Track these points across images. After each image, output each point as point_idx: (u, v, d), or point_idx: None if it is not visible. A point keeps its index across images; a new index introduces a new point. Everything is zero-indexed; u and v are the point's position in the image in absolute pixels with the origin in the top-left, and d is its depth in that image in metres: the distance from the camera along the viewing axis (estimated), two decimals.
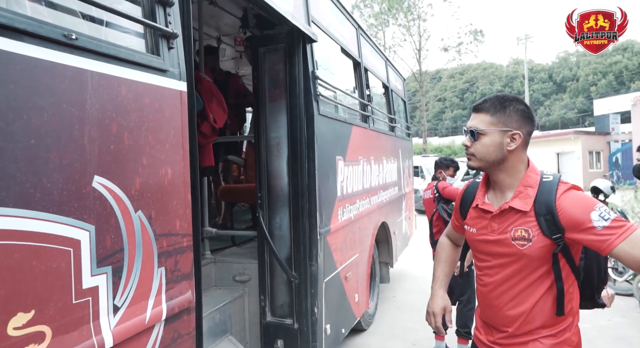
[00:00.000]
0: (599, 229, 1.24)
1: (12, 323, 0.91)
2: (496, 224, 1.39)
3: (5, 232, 0.90)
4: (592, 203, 1.29)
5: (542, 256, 1.32)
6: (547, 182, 1.36)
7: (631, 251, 1.20)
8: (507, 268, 1.38)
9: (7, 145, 0.91)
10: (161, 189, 1.34)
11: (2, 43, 0.90)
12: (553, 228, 1.29)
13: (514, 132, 1.35)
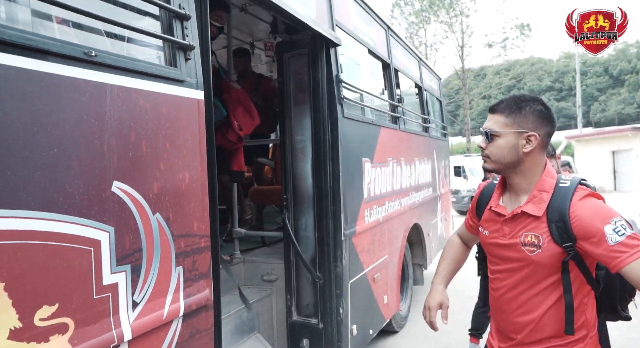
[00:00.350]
0: (611, 244, 1.18)
1: (38, 314, 1.01)
2: (508, 228, 1.36)
3: (31, 233, 1.00)
4: (609, 215, 1.22)
5: (551, 264, 1.28)
6: (564, 187, 1.31)
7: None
8: (516, 274, 1.35)
9: (32, 154, 1.01)
10: (179, 193, 1.43)
11: (29, 63, 1.00)
12: (564, 236, 1.24)
13: (530, 134, 1.30)
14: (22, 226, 0.98)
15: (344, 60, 2.96)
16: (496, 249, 1.40)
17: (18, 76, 0.99)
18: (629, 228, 1.20)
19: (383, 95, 3.81)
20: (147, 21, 1.45)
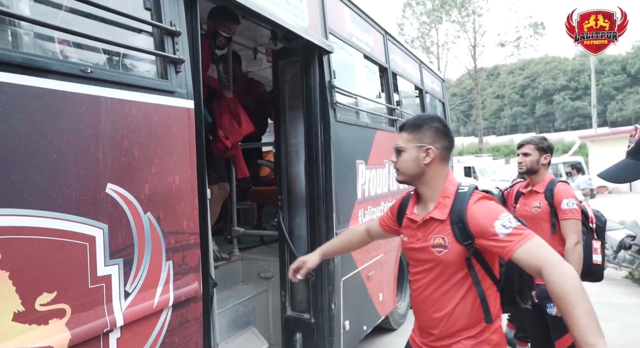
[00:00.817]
0: (500, 236, 1.34)
1: (38, 300, 1.16)
2: (421, 233, 1.52)
3: (33, 229, 1.15)
4: (497, 212, 1.39)
5: (457, 262, 1.43)
6: (462, 193, 1.48)
7: (527, 257, 1.29)
8: (429, 274, 1.50)
9: (34, 160, 1.15)
10: (169, 194, 1.57)
11: (30, 81, 1.15)
12: (464, 235, 1.41)
13: (427, 147, 1.49)
14: (24, 223, 1.13)
15: (340, 65, 3.08)
16: (413, 253, 1.56)
17: (22, 92, 1.13)
18: (514, 221, 1.37)
19: (380, 99, 3.92)
20: (142, 37, 1.59)
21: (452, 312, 1.45)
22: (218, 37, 2.90)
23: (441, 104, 6.29)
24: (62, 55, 1.31)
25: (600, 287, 5.05)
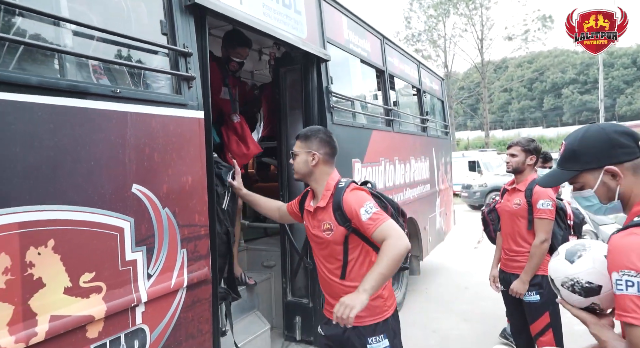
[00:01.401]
0: (364, 220, 1.77)
1: (82, 278, 1.44)
2: (315, 221, 1.96)
3: (76, 222, 1.43)
4: (363, 201, 1.82)
5: (339, 240, 1.88)
6: (340, 187, 1.91)
7: (379, 235, 1.73)
8: (323, 251, 1.96)
9: (76, 166, 1.43)
10: (183, 192, 1.84)
11: (73, 102, 1.43)
12: (343, 219, 1.85)
13: (313, 152, 1.93)
14: (70, 217, 1.41)
15: (338, 70, 3.32)
16: (313, 237, 1.99)
17: (68, 112, 1.41)
18: (374, 207, 1.79)
19: (377, 100, 4.16)
20: (159, 58, 1.86)
21: (346, 278, 1.88)
22: (231, 62, 3.10)
23: (440, 101, 6.51)
24: (97, 79, 1.58)
25: None
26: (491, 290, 3.24)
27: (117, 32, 1.62)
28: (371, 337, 1.91)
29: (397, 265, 1.71)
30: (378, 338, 1.91)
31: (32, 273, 1.30)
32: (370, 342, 1.91)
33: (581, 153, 1.29)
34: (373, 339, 1.91)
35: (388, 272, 1.69)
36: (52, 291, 1.36)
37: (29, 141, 1.30)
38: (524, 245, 2.82)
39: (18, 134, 1.27)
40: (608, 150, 1.25)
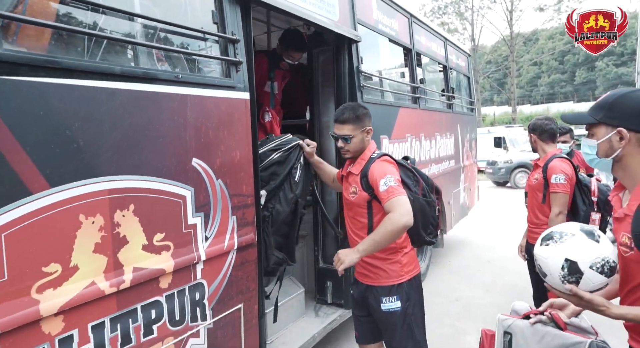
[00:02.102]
0: (381, 191, 1.97)
1: (155, 237, 1.70)
2: (346, 183, 2.21)
3: (150, 190, 1.67)
4: (385, 173, 2.00)
5: (362, 204, 2.10)
6: (373, 157, 2.11)
7: (388, 207, 1.95)
8: (350, 212, 2.21)
9: (148, 143, 1.67)
10: (233, 165, 2.07)
11: (146, 87, 1.65)
12: (367, 186, 2.05)
13: (368, 128, 2.16)
14: (144, 185, 1.66)
15: (367, 49, 3.46)
16: (344, 199, 2.24)
17: (140, 96, 1.64)
18: (393, 181, 1.97)
19: (404, 79, 4.28)
20: (211, 45, 2.06)
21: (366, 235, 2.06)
22: (282, 61, 3.25)
23: (466, 78, 6.53)
24: (160, 66, 1.80)
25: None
26: (515, 264, 3.40)
27: (177, 24, 1.83)
28: (385, 297, 2.11)
29: (392, 237, 1.92)
30: (391, 299, 2.11)
31: (119, 232, 1.56)
32: (383, 301, 2.12)
33: (612, 108, 1.37)
34: (386, 299, 2.11)
35: (382, 241, 1.91)
36: (134, 247, 1.62)
37: (113, 121, 1.54)
38: (541, 218, 2.97)
39: (105, 116, 1.51)
40: (632, 115, 1.33)
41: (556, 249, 1.42)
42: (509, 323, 1.71)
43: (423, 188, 2.21)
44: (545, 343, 1.57)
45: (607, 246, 1.38)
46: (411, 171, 2.20)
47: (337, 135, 2.14)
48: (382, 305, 2.11)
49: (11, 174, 1.24)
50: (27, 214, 1.29)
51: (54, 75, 1.34)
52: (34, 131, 1.30)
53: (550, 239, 1.46)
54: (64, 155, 1.38)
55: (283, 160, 2.40)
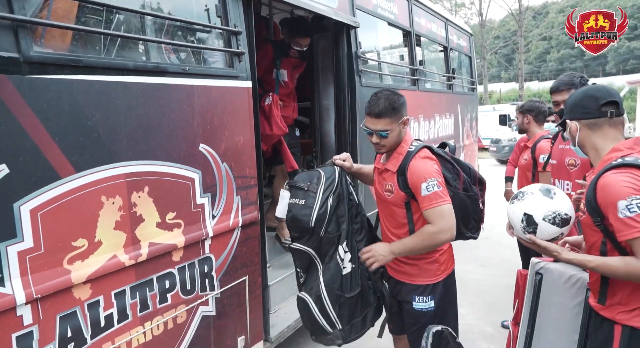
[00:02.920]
0: (422, 195, 1.78)
1: (167, 216, 1.90)
2: (381, 178, 2.00)
3: (161, 173, 1.86)
4: (428, 175, 1.78)
5: (399, 204, 1.90)
6: (410, 151, 1.87)
7: (428, 217, 1.79)
8: (385, 209, 2.03)
9: (159, 130, 1.84)
10: (237, 149, 2.24)
11: (157, 80, 1.81)
12: (405, 185, 1.84)
13: (405, 118, 1.91)
14: (158, 169, 1.84)
15: (366, 33, 3.56)
16: (377, 193, 2.06)
17: (151, 87, 1.80)
18: (437, 186, 1.76)
19: (403, 61, 4.38)
20: (215, 37, 2.21)
21: (403, 235, 1.93)
22: (291, 49, 3.23)
23: (468, 58, 6.58)
24: (170, 59, 1.96)
25: None
26: (513, 240, 3.56)
27: (183, 19, 1.97)
28: (419, 296, 1.97)
29: (427, 249, 1.82)
30: (425, 299, 1.96)
31: (135, 211, 1.76)
32: (416, 300, 1.98)
33: (566, 106, 1.71)
34: (419, 298, 1.97)
35: (418, 251, 1.82)
36: (149, 224, 1.82)
37: (128, 112, 1.71)
38: None
39: (122, 107, 1.68)
40: (572, 108, 1.65)
41: (518, 206, 1.73)
42: (541, 265, 2.01)
43: (464, 181, 1.97)
44: (570, 283, 1.87)
45: (560, 202, 1.67)
46: (451, 163, 1.96)
47: (371, 131, 1.87)
48: (415, 304, 1.99)
49: (44, 161, 1.43)
50: (58, 196, 1.48)
51: (77, 72, 1.51)
52: (61, 123, 1.48)
53: (515, 198, 1.78)
54: (87, 144, 1.56)
55: (338, 200, 1.97)
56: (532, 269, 2.06)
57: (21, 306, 1.40)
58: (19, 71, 1.34)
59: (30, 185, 1.40)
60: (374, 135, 1.90)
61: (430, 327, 1.65)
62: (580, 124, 1.61)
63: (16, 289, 1.38)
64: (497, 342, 3.34)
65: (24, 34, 1.35)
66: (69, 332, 1.55)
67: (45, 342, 1.48)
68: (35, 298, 1.43)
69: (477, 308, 3.94)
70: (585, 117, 1.60)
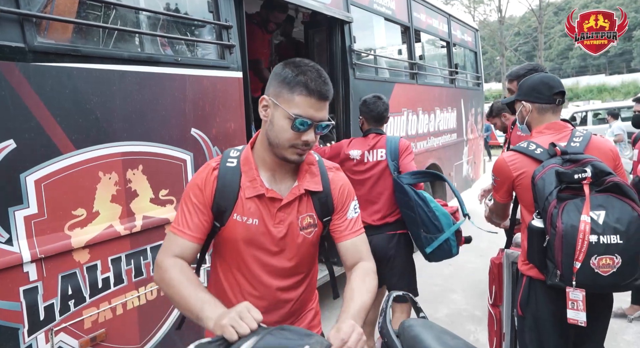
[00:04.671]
0: (350, 219, 1.31)
1: (160, 193, 2.10)
2: (286, 212, 1.27)
3: (155, 154, 2.05)
4: (353, 191, 1.35)
5: (316, 242, 1.33)
6: (319, 160, 1.34)
7: (356, 248, 1.29)
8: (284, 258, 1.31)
9: (153, 115, 2.04)
10: (228, 134, 2.43)
11: (150, 69, 2.01)
12: (327, 211, 1.29)
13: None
14: (152, 150, 2.04)
15: (362, 28, 3.70)
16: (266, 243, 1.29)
17: (146, 76, 2.00)
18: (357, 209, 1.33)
19: (401, 55, 4.50)
20: (207, 31, 2.40)
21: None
22: (269, 23, 3.56)
23: (473, 53, 6.64)
24: (164, 50, 2.15)
25: None
26: None
27: (177, 14, 2.16)
28: None
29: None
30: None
31: (130, 187, 1.96)
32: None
33: (520, 87, 1.89)
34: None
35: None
36: (143, 199, 2.02)
37: (124, 97, 1.91)
38: None
39: (118, 93, 1.88)
40: (529, 91, 1.81)
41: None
42: (515, 255, 2.14)
43: None
44: None
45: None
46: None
47: (311, 122, 1.14)
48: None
49: (47, 138, 1.64)
50: (59, 169, 1.69)
51: (76, 61, 1.72)
52: (62, 106, 1.69)
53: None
54: (86, 124, 1.77)
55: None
56: (507, 260, 2.21)
57: (27, 263, 1.61)
58: (25, 59, 1.55)
59: (35, 158, 1.61)
60: (310, 129, 1.15)
61: (391, 292, 1.80)
62: (533, 106, 1.78)
63: (23, 249, 1.59)
64: (484, 325, 3.45)
65: (29, 26, 1.56)
66: (70, 290, 1.76)
67: (49, 297, 1.69)
68: (40, 258, 1.64)
69: (470, 294, 4.06)
70: (538, 101, 1.78)
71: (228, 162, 1.25)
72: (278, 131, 1.16)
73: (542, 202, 1.57)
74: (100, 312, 1.86)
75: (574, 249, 1.49)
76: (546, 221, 1.55)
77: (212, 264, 1.40)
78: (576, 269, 1.49)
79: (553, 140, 1.72)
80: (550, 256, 1.58)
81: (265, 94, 1.20)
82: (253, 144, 1.29)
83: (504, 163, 1.79)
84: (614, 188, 1.54)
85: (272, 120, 1.17)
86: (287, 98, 1.14)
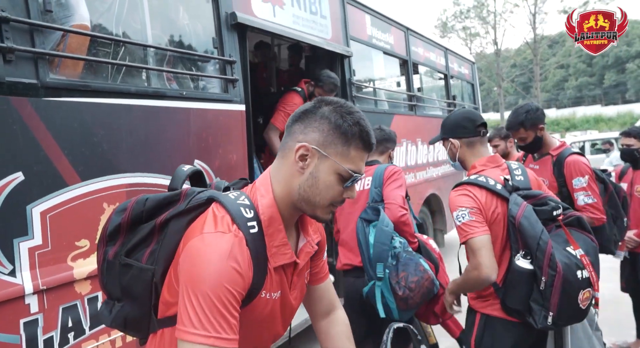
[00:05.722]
0: (323, 259, 1.22)
1: None
2: (296, 275, 1.12)
3: (159, 185, 2.08)
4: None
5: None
6: None
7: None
8: (277, 318, 1.12)
9: (157, 147, 2.09)
10: (230, 165, 2.47)
11: (157, 103, 2.07)
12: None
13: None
14: (156, 181, 2.07)
15: (362, 61, 3.82)
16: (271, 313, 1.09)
17: (152, 110, 2.06)
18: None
19: (400, 87, 4.62)
20: (212, 66, 2.48)
21: None
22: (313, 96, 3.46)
23: (470, 85, 6.79)
24: (169, 84, 2.23)
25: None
26: None
27: (183, 51, 2.25)
28: None
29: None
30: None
31: None
32: None
33: (443, 125, 1.93)
34: None
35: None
36: None
37: (130, 130, 1.96)
38: None
39: (124, 126, 1.93)
40: (454, 127, 1.86)
41: None
42: None
43: None
44: None
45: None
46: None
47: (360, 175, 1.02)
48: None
49: (54, 170, 1.67)
50: (65, 201, 1.71)
51: (85, 95, 1.78)
52: (70, 138, 1.73)
53: None
54: (92, 157, 1.81)
55: None
56: None
57: (29, 295, 1.61)
58: (37, 94, 1.61)
59: (42, 190, 1.64)
60: (355, 184, 1.04)
61: (392, 324, 1.79)
62: (461, 142, 1.83)
63: (25, 280, 1.60)
64: None
65: (42, 63, 1.62)
66: (70, 322, 1.75)
67: (49, 330, 1.68)
68: (42, 289, 1.64)
69: None
70: (465, 135, 1.83)
71: (250, 228, 0.93)
72: (323, 187, 0.97)
73: (533, 242, 1.52)
74: (99, 345, 1.84)
75: (573, 287, 1.49)
76: (543, 262, 1.50)
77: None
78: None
79: (498, 174, 1.74)
80: (538, 298, 1.52)
81: (305, 141, 0.98)
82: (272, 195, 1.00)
83: (471, 195, 1.67)
84: (574, 222, 1.61)
85: (315, 174, 0.97)
86: (341, 151, 0.97)
